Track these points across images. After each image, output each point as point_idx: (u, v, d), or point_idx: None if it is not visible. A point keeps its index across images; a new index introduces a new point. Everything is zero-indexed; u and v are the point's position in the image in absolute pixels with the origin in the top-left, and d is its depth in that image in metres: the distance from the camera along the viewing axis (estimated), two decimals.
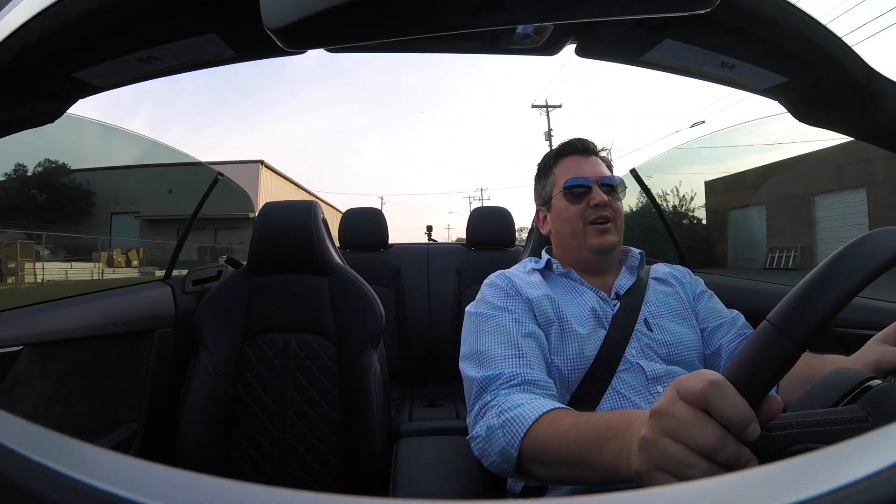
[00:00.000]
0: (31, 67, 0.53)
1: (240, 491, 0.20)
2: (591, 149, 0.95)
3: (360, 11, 0.34)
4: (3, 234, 4.33)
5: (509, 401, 0.66)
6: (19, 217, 4.02)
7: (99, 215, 1.55)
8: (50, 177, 3.42)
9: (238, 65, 0.67)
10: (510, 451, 0.62)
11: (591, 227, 0.89)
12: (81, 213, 3.42)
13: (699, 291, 0.94)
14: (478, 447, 0.68)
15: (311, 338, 1.17)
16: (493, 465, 0.66)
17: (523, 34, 0.70)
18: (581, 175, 0.91)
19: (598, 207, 0.88)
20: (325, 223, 1.27)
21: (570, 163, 0.94)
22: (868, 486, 0.17)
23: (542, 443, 0.59)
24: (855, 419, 0.38)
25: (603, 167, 0.94)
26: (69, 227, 4.07)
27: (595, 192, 0.89)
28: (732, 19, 0.56)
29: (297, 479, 1.11)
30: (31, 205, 3.91)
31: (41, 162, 3.22)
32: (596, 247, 0.88)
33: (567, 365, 0.78)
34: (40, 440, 0.22)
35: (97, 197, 3.02)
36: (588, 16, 0.38)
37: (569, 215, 0.91)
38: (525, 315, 0.81)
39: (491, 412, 0.68)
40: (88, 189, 1.92)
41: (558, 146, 0.98)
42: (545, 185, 0.98)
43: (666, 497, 0.21)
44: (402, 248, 2.41)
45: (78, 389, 1.12)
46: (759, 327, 0.39)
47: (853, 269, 0.38)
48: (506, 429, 0.63)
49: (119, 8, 0.50)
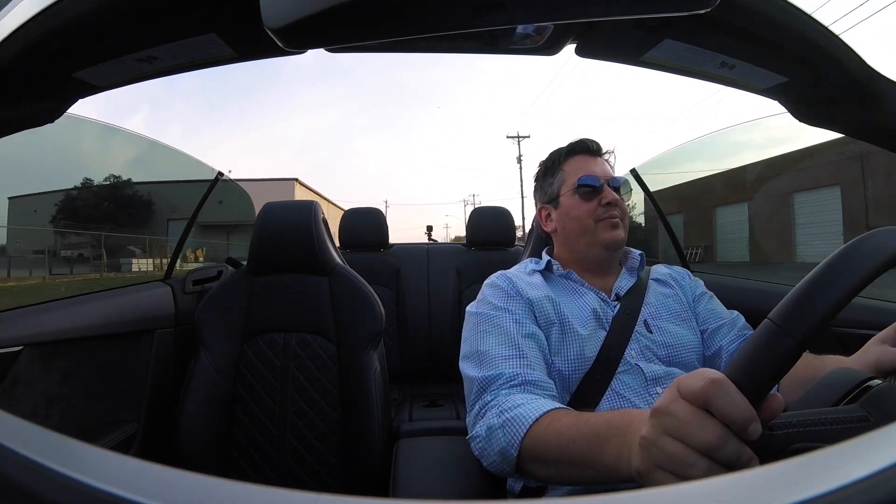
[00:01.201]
0: (31, 67, 0.53)
1: (240, 491, 0.20)
2: (597, 149, 0.96)
3: (360, 11, 0.34)
4: (80, 235, 5.92)
5: (509, 401, 0.66)
6: (100, 222, 5.34)
7: (157, 221, 1.79)
8: (116, 189, 4.37)
9: (236, 64, 0.67)
10: (510, 451, 0.62)
11: (603, 223, 0.89)
12: (143, 219, 4.26)
13: (699, 293, 0.94)
14: (478, 447, 0.68)
15: (311, 338, 1.17)
16: (492, 465, 0.67)
17: (523, 34, 0.70)
18: (592, 174, 0.92)
19: (609, 206, 0.89)
20: (325, 223, 1.27)
21: (580, 162, 0.94)
22: (869, 486, 0.17)
23: (542, 443, 0.59)
24: (856, 419, 0.38)
25: (609, 168, 0.95)
26: (135, 230, 5.08)
27: (607, 191, 0.90)
28: (732, 19, 0.56)
29: (297, 479, 1.11)
30: (105, 212, 5.10)
31: (107, 177, 4.08)
32: (608, 240, 0.88)
33: (568, 366, 0.78)
34: (40, 440, 0.22)
35: (156, 206, 3.58)
36: (588, 16, 0.38)
37: (579, 213, 0.91)
38: (525, 316, 0.81)
39: (491, 412, 0.68)
40: (149, 199, 2.34)
41: (568, 144, 0.98)
42: (552, 182, 0.97)
43: (666, 497, 0.21)
44: (402, 248, 2.41)
45: (78, 389, 1.12)
46: (761, 326, 0.39)
47: (854, 268, 0.38)
48: (506, 429, 0.63)
49: (119, 8, 0.50)
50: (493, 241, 2.25)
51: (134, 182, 3.32)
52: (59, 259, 6.59)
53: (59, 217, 5.56)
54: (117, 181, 3.98)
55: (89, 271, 6.40)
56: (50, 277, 6.01)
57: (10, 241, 5.51)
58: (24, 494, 0.19)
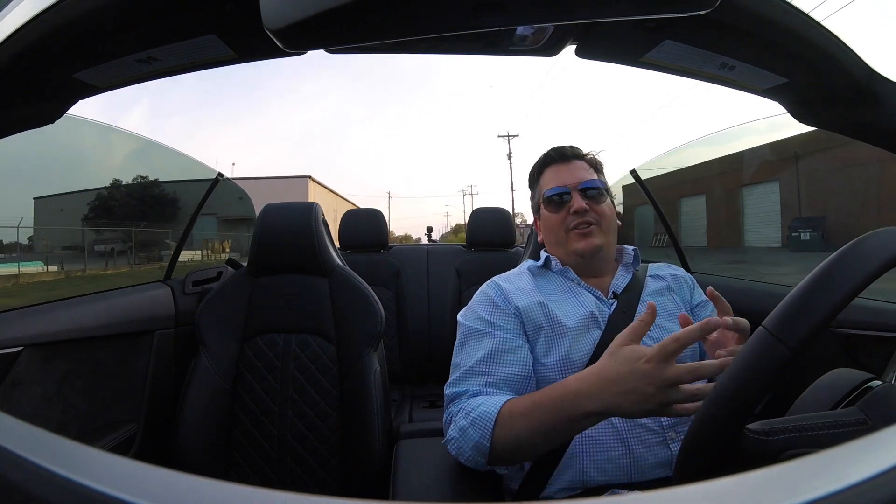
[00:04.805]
0: (31, 68, 0.53)
1: (239, 493, 0.20)
2: (569, 155, 0.95)
3: (360, 12, 0.34)
4: (114, 231, 6.78)
5: (470, 404, 0.75)
6: (133, 219, 6.14)
7: (182, 217, 1.89)
8: (144, 189, 4.94)
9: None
10: (483, 444, 0.71)
11: (573, 233, 0.89)
12: (170, 215, 4.59)
13: (702, 300, 0.94)
14: (454, 447, 0.76)
15: (311, 339, 1.17)
16: (468, 460, 0.74)
17: (523, 35, 0.70)
18: (559, 184, 0.92)
19: (577, 214, 0.89)
20: (325, 224, 1.27)
21: (552, 172, 0.95)
22: (866, 490, 0.17)
23: (510, 427, 0.69)
24: (853, 422, 0.38)
25: (584, 172, 0.93)
26: (163, 226, 5.55)
27: (574, 199, 0.89)
28: (732, 20, 0.56)
29: (296, 480, 1.11)
30: (136, 209, 5.81)
31: (135, 178, 4.59)
32: (580, 250, 0.89)
33: (555, 370, 0.79)
34: (40, 442, 0.22)
35: (181, 202, 3.90)
36: (588, 16, 0.38)
37: (551, 224, 0.93)
38: (510, 329, 0.82)
39: (457, 417, 0.76)
40: (175, 197, 2.60)
41: (541, 156, 0.99)
42: (534, 195, 1.00)
43: (666, 498, 0.21)
44: (402, 248, 2.41)
45: (78, 390, 1.12)
46: (755, 333, 0.40)
47: (846, 276, 0.38)
48: (475, 426, 0.71)
49: (119, 9, 0.50)
50: (493, 242, 2.25)
51: (161, 181, 3.61)
52: (94, 254, 7.17)
53: (91, 215, 6.11)
54: (145, 181, 4.37)
55: (132, 263, 6.94)
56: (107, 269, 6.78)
57: (37, 238, 6.01)
58: (23, 497, 0.19)
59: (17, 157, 2.12)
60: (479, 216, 2.30)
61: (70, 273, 6.16)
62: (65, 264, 6.30)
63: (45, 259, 5.87)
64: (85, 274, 6.36)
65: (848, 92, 0.63)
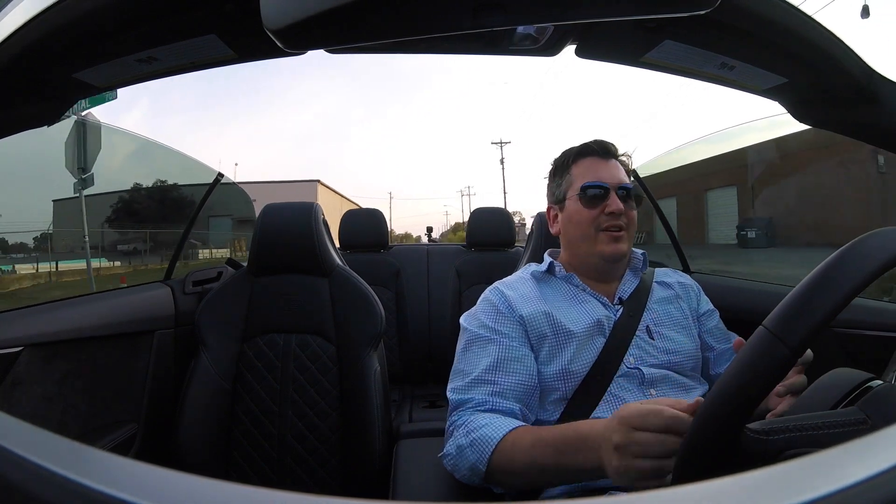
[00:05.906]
0: (31, 67, 0.53)
1: (239, 493, 0.20)
2: (611, 152, 0.90)
3: (360, 12, 0.34)
4: (137, 232, 7.33)
5: (474, 421, 0.74)
6: (153, 220, 6.36)
7: (200, 218, 1.97)
8: (163, 192, 5.17)
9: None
10: (479, 467, 0.70)
11: (604, 234, 0.85)
12: (187, 216, 4.74)
13: (709, 309, 0.93)
14: (449, 464, 0.75)
15: (311, 339, 1.17)
16: (463, 477, 0.74)
17: (523, 35, 0.70)
18: (599, 179, 0.86)
19: (612, 215, 0.84)
20: (325, 224, 1.27)
21: (589, 164, 0.89)
22: (866, 490, 0.17)
23: (508, 459, 0.68)
24: (854, 422, 0.38)
25: (622, 173, 0.89)
26: (180, 226, 5.80)
27: (612, 199, 0.85)
28: (732, 20, 0.56)
29: (296, 480, 1.11)
30: (154, 212, 6.03)
31: (154, 182, 5.07)
32: (607, 254, 0.85)
33: (558, 379, 0.79)
34: (40, 442, 0.22)
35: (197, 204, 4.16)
36: (588, 16, 0.38)
37: (581, 219, 0.87)
38: (515, 337, 0.81)
39: (459, 431, 0.75)
40: (192, 199, 2.71)
41: (579, 145, 0.93)
42: (560, 183, 0.93)
43: (666, 498, 0.21)
44: (402, 248, 2.41)
45: (78, 390, 1.12)
46: (755, 333, 0.40)
47: (846, 276, 0.38)
48: (474, 447, 0.71)
49: (119, 9, 0.50)
50: (493, 242, 2.25)
51: (179, 185, 3.81)
52: (117, 253, 7.54)
53: (112, 217, 6.40)
54: (163, 184, 4.64)
55: (160, 261, 7.45)
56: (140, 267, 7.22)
57: (57, 239, 6.46)
58: (23, 497, 0.19)
59: (30, 160, 2.30)
60: (479, 216, 2.30)
61: (136, 267, 6.86)
62: (125, 260, 7.05)
63: (99, 256, 6.26)
64: (147, 268, 6.90)
65: (848, 92, 0.63)
